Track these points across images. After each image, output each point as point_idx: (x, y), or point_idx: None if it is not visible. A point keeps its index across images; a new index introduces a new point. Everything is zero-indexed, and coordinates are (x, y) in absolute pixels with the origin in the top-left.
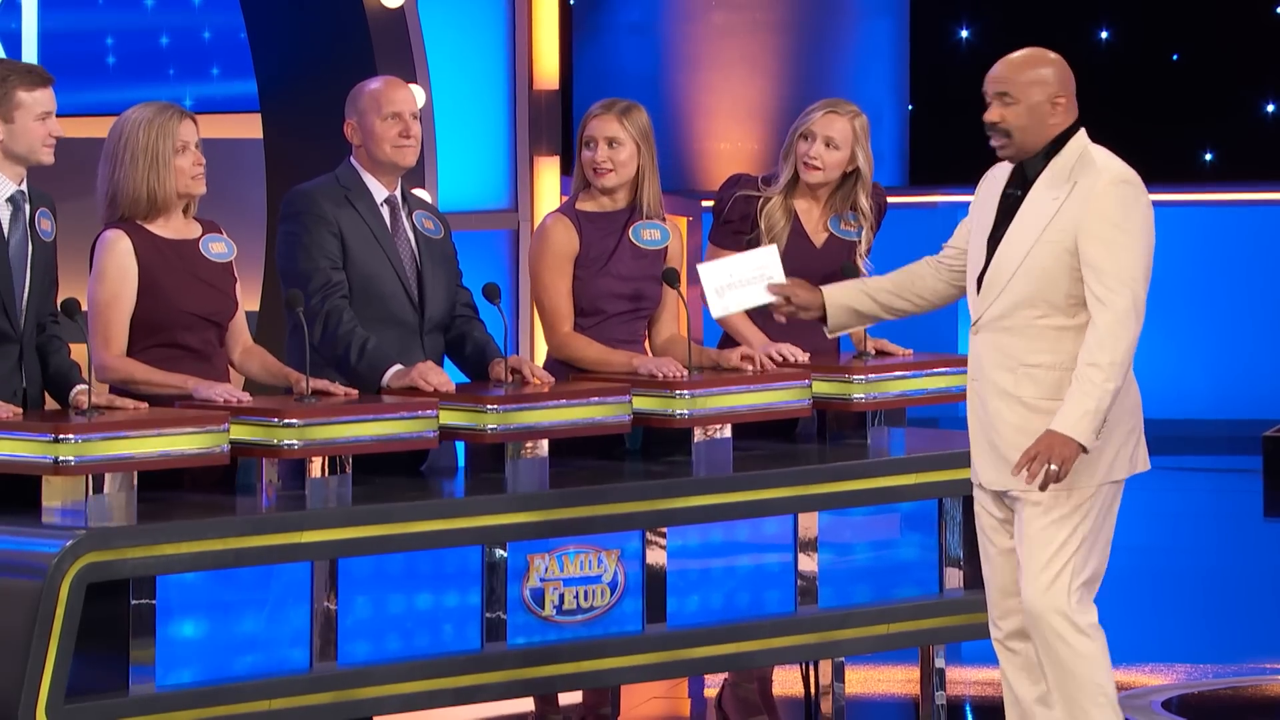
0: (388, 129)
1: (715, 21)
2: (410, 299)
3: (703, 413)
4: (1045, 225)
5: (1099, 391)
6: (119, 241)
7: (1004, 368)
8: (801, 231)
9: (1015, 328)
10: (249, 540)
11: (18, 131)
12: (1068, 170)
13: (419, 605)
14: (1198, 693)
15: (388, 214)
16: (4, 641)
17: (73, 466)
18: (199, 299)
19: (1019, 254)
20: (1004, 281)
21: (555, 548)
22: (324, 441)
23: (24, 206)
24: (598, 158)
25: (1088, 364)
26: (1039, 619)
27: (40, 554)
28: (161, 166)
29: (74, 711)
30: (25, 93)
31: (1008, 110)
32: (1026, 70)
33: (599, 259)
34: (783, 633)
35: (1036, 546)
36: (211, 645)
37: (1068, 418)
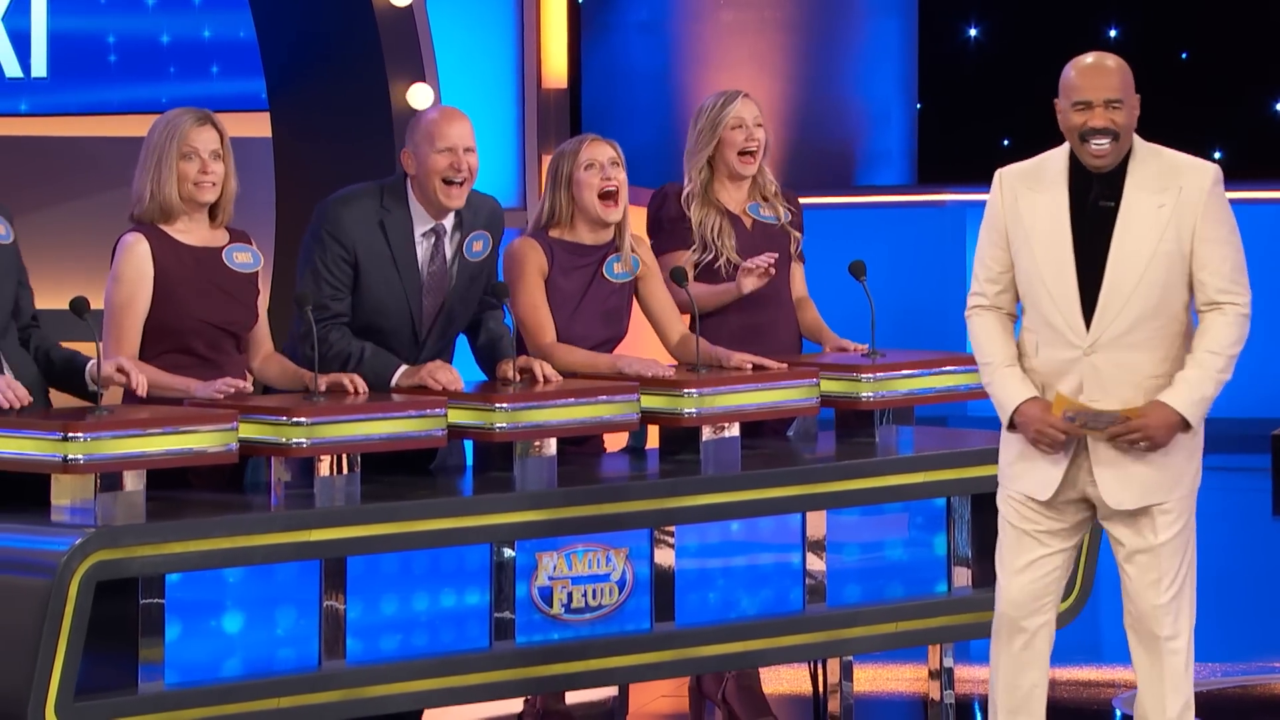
0: (440, 161)
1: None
2: (415, 335)
3: (711, 411)
4: (1160, 235)
5: (1215, 379)
6: (137, 245)
7: (1131, 384)
8: (734, 219)
9: (1140, 343)
10: (258, 539)
11: None
12: (1157, 174)
13: (427, 604)
14: (1206, 691)
15: (430, 244)
16: (13, 640)
17: (82, 465)
18: (215, 308)
19: (1138, 267)
20: (1124, 299)
21: (563, 546)
22: (332, 440)
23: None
24: (608, 175)
25: (1209, 351)
26: (1161, 625)
27: (49, 552)
28: (165, 170)
29: (83, 709)
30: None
31: (1116, 114)
32: (1122, 73)
33: (570, 297)
34: (791, 631)
35: (1164, 557)
36: (220, 643)
37: (1183, 397)
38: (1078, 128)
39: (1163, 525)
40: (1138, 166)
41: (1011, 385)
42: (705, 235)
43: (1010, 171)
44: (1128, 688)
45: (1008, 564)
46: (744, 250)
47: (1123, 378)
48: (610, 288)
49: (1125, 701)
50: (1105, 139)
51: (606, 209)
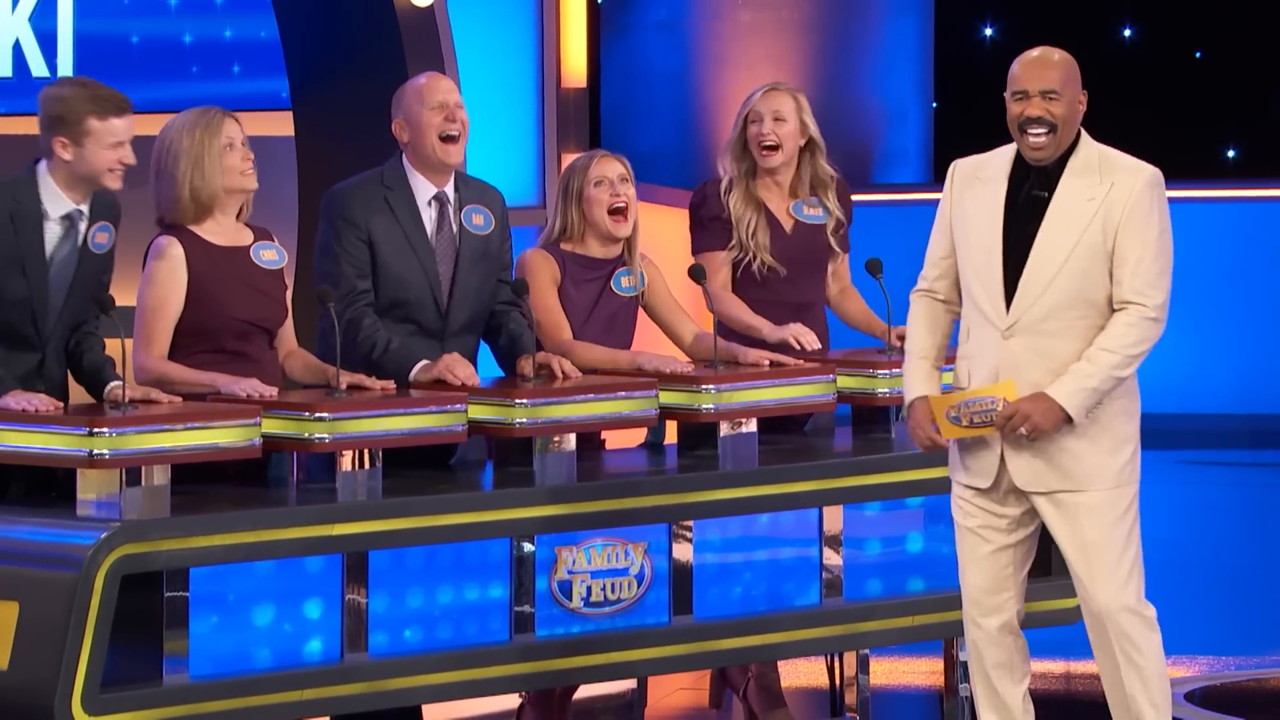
0: (433, 117)
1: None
2: (437, 305)
3: (729, 407)
4: (1085, 226)
5: (1105, 374)
6: (171, 248)
7: (1045, 370)
8: (773, 221)
9: (1056, 330)
10: (280, 533)
11: (86, 156)
12: (1095, 170)
13: (448, 597)
14: (1220, 684)
15: (434, 212)
16: (41, 632)
17: (107, 460)
18: (248, 305)
19: (1060, 255)
20: (1044, 285)
21: (583, 540)
22: (354, 435)
23: (79, 224)
24: (617, 192)
25: (1103, 348)
26: (1114, 618)
27: (76, 546)
28: (208, 166)
29: (109, 701)
30: (97, 120)
31: (1052, 105)
32: (1064, 66)
33: (580, 309)
34: (808, 625)
35: (1102, 548)
36: (243, 636)
37: (1065, 389)
38: (1016, 118)
39: (1088, 524)
40: (1077, 162)
41: (913, 380)
42: (742, 234)
43: (963, 163)
44: None
45: (960, 563)
46: (779, 253)
47: (1037, 363)
48: (619, 301)
49: None
50: (1041, 129)
51: (616, 224)
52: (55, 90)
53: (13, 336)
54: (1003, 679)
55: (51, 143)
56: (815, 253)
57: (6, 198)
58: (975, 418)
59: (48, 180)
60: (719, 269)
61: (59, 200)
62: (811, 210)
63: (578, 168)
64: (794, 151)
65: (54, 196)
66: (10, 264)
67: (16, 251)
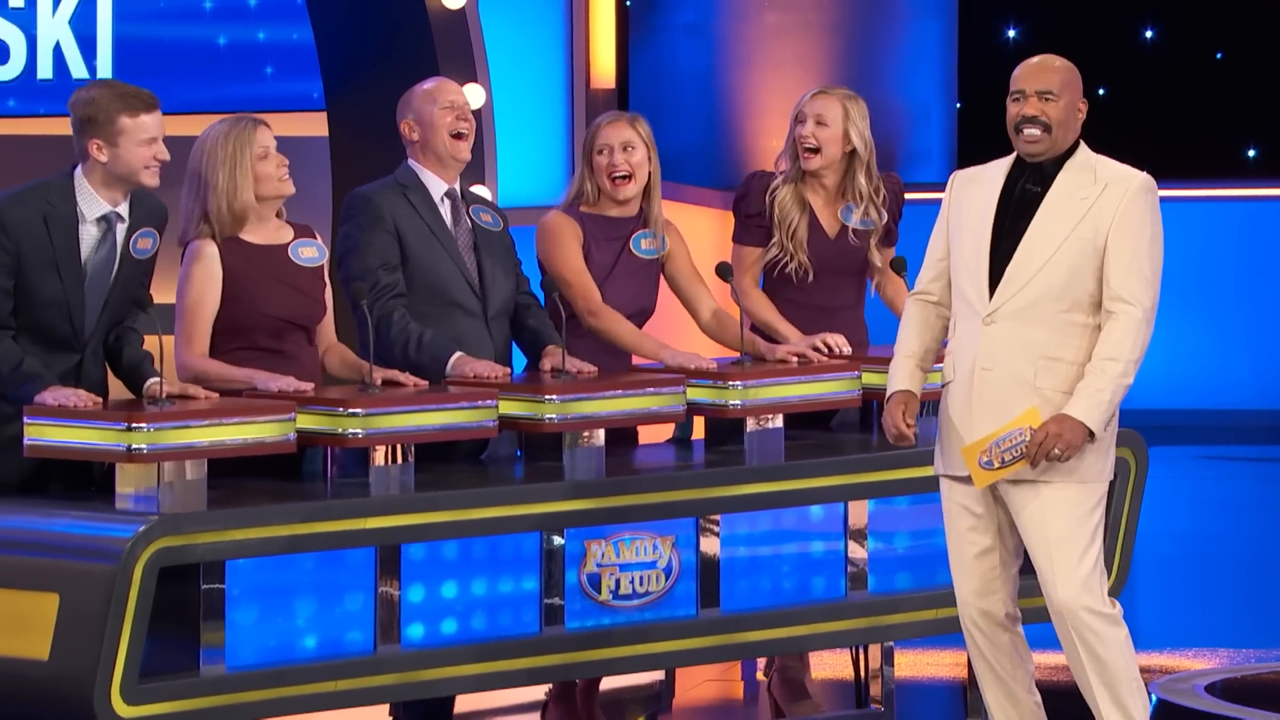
0: (444, 116)
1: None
2: (472, 288)
3: (755, 403)
4: (1077, 222)
5: (1115, 384)
6: (205, 248)
7: (1025, 359)
8: (816, 225)
9: (1039, 320)
10: (315, 526)
11: (121, 155)
12: (1090, 173)
13: (479, 590)
14: (1240, 677)
15: (448, 208)
16: (80, 624)
17: (145, 454)
18: (285, 303)
19: (1048, 248)
20: (1030, 274)
21: (612, 534)
22: (387, 430)
23: (116, 227)
24: (615, 161)
25: (1106, 358)
26: (1074, 616)
27: (115, 539)
28: (242, 176)
29: (147, 691)
30: (129, 118)
31: (1048, 106)
32: (1063, 73)
33: (601, 269)
34: (833, 617)
35: (1065, 542)
36: (279, 627)
37: (1083, 405)
38: (1013, 119)
39: (1054, 517)
40: (1072, 165)
41: (897, 375)
42: (783, 235)
43: (961, 172)
44: (1163, 673)
45: (950, 565)
46: (817, 256)
47: (1017, 351)
48: (639, 262)
49: (1161, 687)
50: (1035, 128)
51: (616, 188)
52: (85, 94)
53: (50, 337)
54: (1006, 673)
55: (86, 145)
56: (854, 260)
57: (40, 200)
58: (1006, 455)
59: (84, 183)
60: (750, 265)
61: (95, 203)
62: (859, 215)
63: (592, 128)
64: (835, 156)
65: (90, 199)
66: (45, 265)
67: (51, 253)
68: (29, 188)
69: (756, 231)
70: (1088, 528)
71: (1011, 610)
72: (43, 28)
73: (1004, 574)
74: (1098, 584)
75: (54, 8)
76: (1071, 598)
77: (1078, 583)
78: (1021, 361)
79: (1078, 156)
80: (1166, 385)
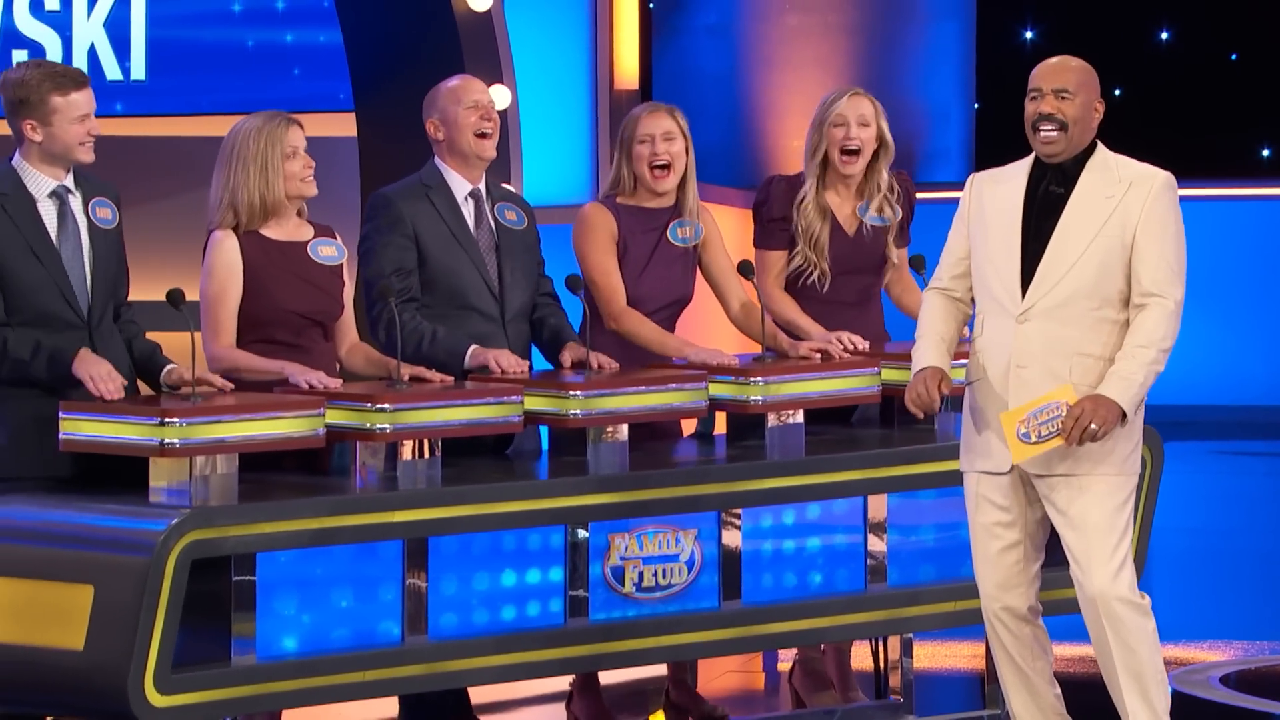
0: (469, 115)
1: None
2: (490, 290)
3: (776, 399)
4: (1105, 221)
5: (1147, 370)
6: (226, 239)
7: (1059, 355)
8: (836, 225)
9: (1070, 318)
10: (343, 519)
11: (55, 134)
12: (1112, 172)
13: (505, 582)
14: (1255, 668)
15: (471, 208)
16: (114, 615)
17: (177, 449)
18: (302, 298)
19: (1078, 246)
20: (1061, 273)
21: (635, 528)
22: (414, 425)
23: (69, 200)
24: (657, 150)
25: (1138, 345)
26: (1107, 604)
27: (147, 531)
28: (271, 172)
29: (180, 681)
30: (59, 96)
31: (1064, 104)
32: (1080, 72)
33: (638, 259)
34: (853, 610)
35: (1100, 532)
36: (309, 619)
37: (1115, 386)
38: (1030, 117)
39: (1091, 506)
40: (1094, 165)
41: (927, 353)
42: (806, 246)
43: (980, 175)
44: (1179, 665)
45: (974, 559)
46: (836, 261)
47: (1051, 348)
48: (675, 251)
49: (1177, 678)
50: (1051, 125)
51: (656, 179)
52: (14, 75)
53: (54, 320)
54: (1027, 665)
55: (21, 126)
56: (874, 255)
57: None
58: (1043, 429)
59: (25, 165)
60: (774, 269)
61: (41, 181)
62: (876, 213)
63: (629, 119)
64: (869, 156)
65: (35, 178)
66: (19, 251)
67: (21, 237)
68: None
69: (780, 235)
70: (1121, 519)
71: (1034, 604)
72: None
73: (1027, 568)
74: (1130, 575)
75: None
76: (1105, 587)
77: (1111, 572)
78: (1056, 358)
79: (1097, 156)
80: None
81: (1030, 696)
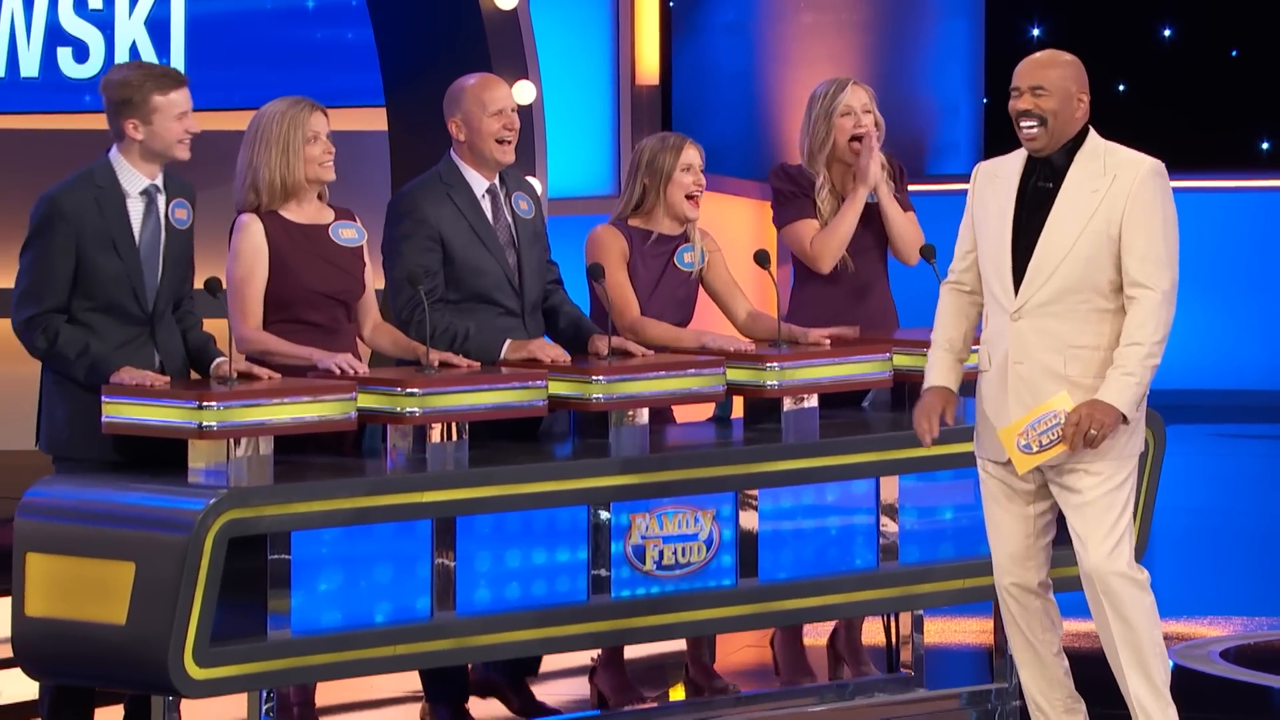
0: (493, 123)
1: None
2: (511, 284)
3: (792, 383)
4: (1090, 215)
5: (1142, 367)
6: (252, 224)
7: (1052, 350)
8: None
9: (1061, 313)
10: (375, 499)
11: (156, 132)
12: (1100, 163)
13: (530, 560)
14: (1254, 643)
15: (489, 204)
16: (155, 591)
17: (215, 431)
18: (325, 279)
19: (1065, 242)
20: (1050, 269)
21: (655, 508)
22: (443, 409)
23: (157, 199)
24: (700, 181)
25: (1130, 343)
26: (1104, 580)
27: (187, 511)
28: (293, 155)
29: (218, 654)
30: (160, 96)
31: (1040, 100)
32: (1056, 67)
33: (647, 282)
34: (866, 587)
35: (1098, 513)
36: (342, 595)
37: (1112, 389)
38: (1011, 113)
39: (1089, 485)
40: (1082, 156)
41: (935, 370)
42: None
43: (984, 164)
44: (1180, 640)
45: (988, 534)
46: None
47: (1045, 344)
48: (681, 276)
49: (1178, 653)
50: (1031, 122)
51: (691, 208)
52: (118, 76)
53: (120, 311)
54: (1036, 638)
55: (123, 126)
56: (879, 234)
57: (88, 184)
58: (1043, 439)
59: (122, 162)
60: (808, 232)
61: (135, 178)
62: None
63: (668, 148)
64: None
65: (130, 175)
66: (103, 245)
67: (106, 231)
68: (76, 175)
69: (803, 201)
70: (1120, 497)
71: (1044, 579)
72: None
73: (1038, 544)
74: (1127, 550)
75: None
76: (1101, 562)
77: (1108, 548)
78: (1050, 353)
79: (1087, 146)
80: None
81: (1040, 669)
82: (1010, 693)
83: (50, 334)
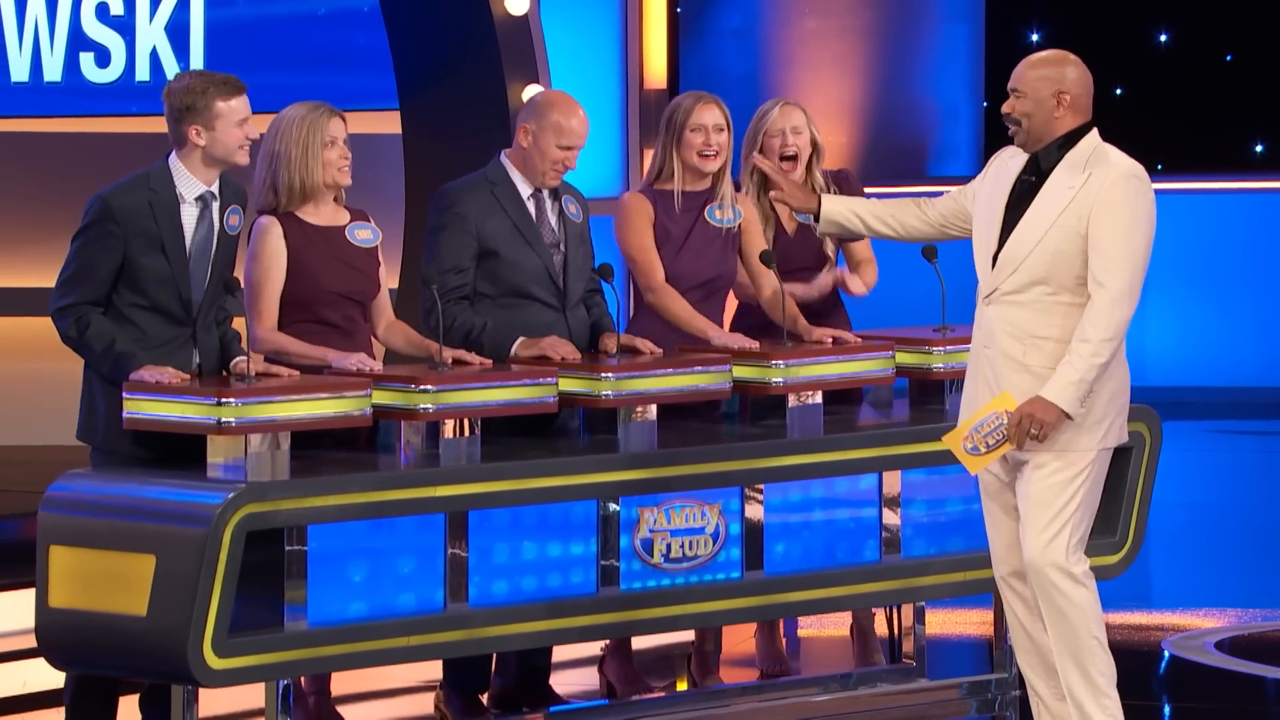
0: (559, 154)
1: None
2: (554, 282)
3: (796, 380)
4: (1061, 210)
5: (1085, 365)
6: (271, 227)
7: (1014, 338)
8: (779, 227)
9: (1027, 302)
10: (389, 494)
11: (218, 137)
12: (1083, 163)
13: (541, 553)
14: (1248, 635)
15: (534, 205)
16: (175, 583)
17: (233, 427)
18: (341, 279)
19: (1035, 235)
20: (1020, 259)
21: (663, 502)
22: (455, 405)
23: (212, 205)
24: (710, 142)
25: (1080, 339)
26: (1039, 572)
27: (205, 505)
28: (311, 159)
29: (236, 645)
30: (223, 102)
31: (1017, 102)
32: (1036, 69)
33: (676, 238)
34: (868, 579)
35: (1040, 505)
36: (357, 587)
37: (1054, 386)
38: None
39: (1034, 477)
40: (1071, 154)
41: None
42: None
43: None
44: (1175, 631)
45: (986, 524)
46: (784, 260)
47: (1009, 331)
48: (713, 231)
49: (1174, 644)
50: (1010, 123)
51: (703, 162)
52: (181, 83)
53: (164, 311)
54: (1033, 627)
55: (185, 132)
56: (815, 253)
57: (142, 188)
58: (990, 439)
59: (180, 168)
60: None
61: (193, 184)
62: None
63: (681, 108)
64: (806, 160)
65: (188, 181)
66: (152, 248)
67: (156, 235)
68: (132, 178)
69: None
70: (1066, 493)
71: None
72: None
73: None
74: (1066, 544)
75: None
76: (1037, 554)
77: (1044, 541)
78: (1012, 340)
79: (1081, 146)
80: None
81: (1038, 658)
82: (1010, 682)
83: (82, 325)
